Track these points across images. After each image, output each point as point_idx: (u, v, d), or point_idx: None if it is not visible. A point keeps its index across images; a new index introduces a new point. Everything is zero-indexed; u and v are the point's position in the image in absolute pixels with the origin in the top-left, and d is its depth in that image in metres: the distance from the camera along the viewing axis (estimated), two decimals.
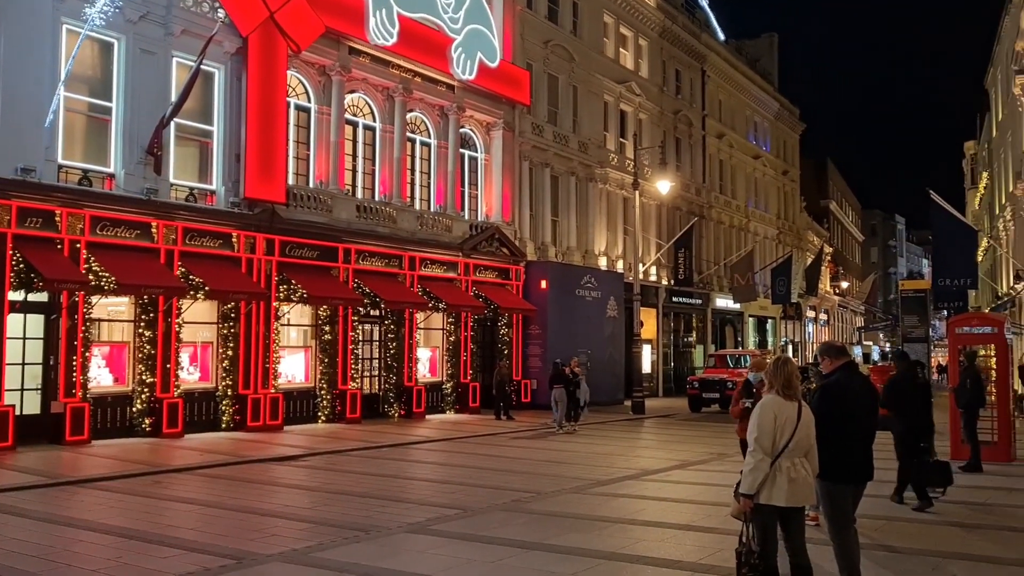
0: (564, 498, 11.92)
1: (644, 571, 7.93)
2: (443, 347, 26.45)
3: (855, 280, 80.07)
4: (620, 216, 36.43)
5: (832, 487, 6.54)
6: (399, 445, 18.53)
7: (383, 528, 9.76)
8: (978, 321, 18.02)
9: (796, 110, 60.83)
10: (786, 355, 6.54)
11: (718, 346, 44.31)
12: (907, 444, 11.22)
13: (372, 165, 25.08)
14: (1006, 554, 8.56)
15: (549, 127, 31.88)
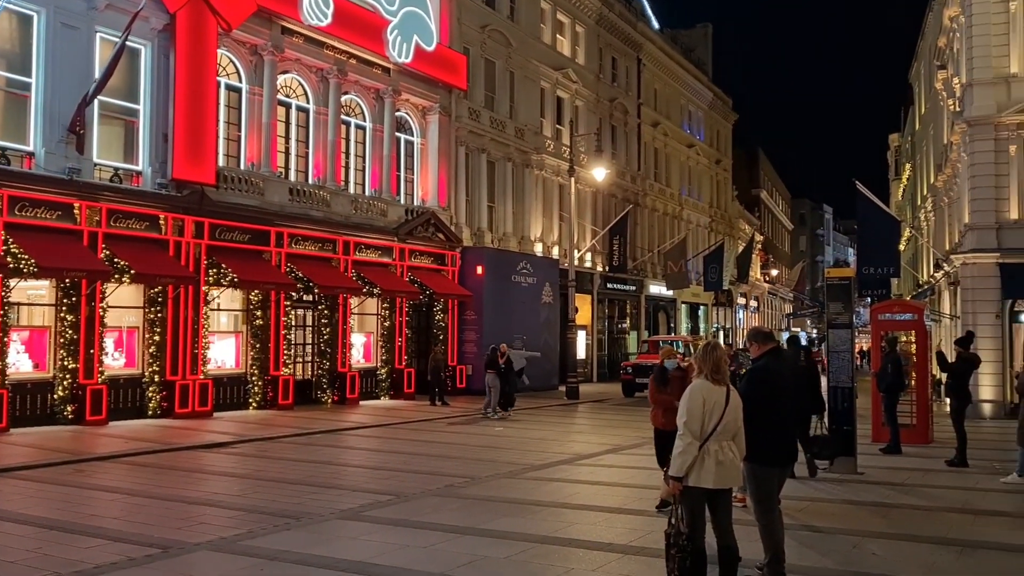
0: (498, 483, 11.96)
1: (576, 554, 8.00)
2: (378, 333, 26.26)
3: (784, 268, 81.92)
4: (556, 202, 36.57)
5: (759, 469, 6.69)
6: (332, 431, 18.35)
7: (315, 515, 9.66)
8: (899, 308, 18.61)
9: (729, 100, 61.78)
10: (715, 341, 6.64)
11: (651, 332, 44.93)
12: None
13: (305, 148, 24.68)
14: (922, 532, 8.87)
15: (486, 112, 31.79)
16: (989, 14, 24.08)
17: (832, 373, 13.00)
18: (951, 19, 28.83)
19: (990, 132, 23.80)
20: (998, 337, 23.48)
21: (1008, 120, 23.59)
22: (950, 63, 29.89)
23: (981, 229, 23.83)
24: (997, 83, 23.92)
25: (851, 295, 13.40)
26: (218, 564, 7.64)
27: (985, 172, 23.84)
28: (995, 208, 23.69)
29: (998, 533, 8.90)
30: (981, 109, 23.94)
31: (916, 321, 17.67)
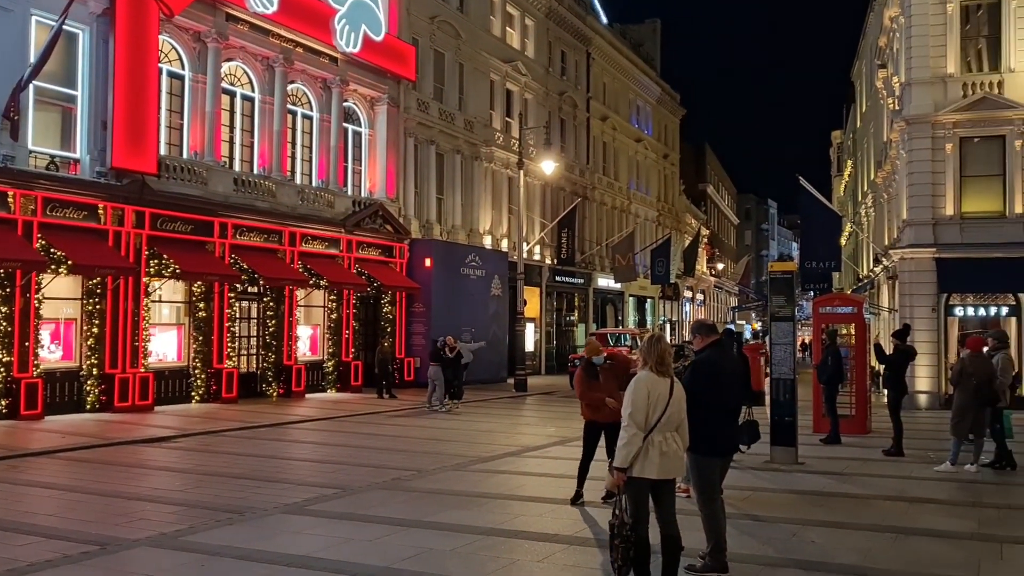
0: (445, 475, 11.94)
1: (522, 545, 8.02)
2: (324, 325, 26.01)
3: (730, 262, 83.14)
4: (505, 195, 36.58)
5: (701, 460, 6.79)
6: (277, 425, 18.14)
7: (258, 509, 9.54)
8: (840, 301, 19.03)
9: (677, 95, 62.40)
10: (659, 333, 6.72)
11: (599, 325, 45.25)
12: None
13: (251, 137, 24.30)
14: (859, 520, 9.08)
15: (435, 104, 31.63)
16: (927, 15, 24.67)
17: (774, 365, 13.21)
18: (891, 19, 29.49)
19: (927, 130, 24.41)
20: (934, 330, 24.14)
21: (944, 119, 24.21)
22: (890, 62, 30.57)
23: (918, 225, 24.44)
24: (934, 83, 24.53)
25: (793, 289, 13.63)
26: (157, 560, 7.51)
27: (922, 169, 24.45)
28: (932, 204, 24.32)
29: (931, 520, 9.15)
30: (919, 108, 24.53)
31: (856, 314, 18.08)
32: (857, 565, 7.27)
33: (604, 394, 9.71)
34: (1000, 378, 12.57)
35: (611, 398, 9.56)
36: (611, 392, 9.63)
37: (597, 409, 9.81)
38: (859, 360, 17.46)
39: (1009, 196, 23.79)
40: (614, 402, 9.65)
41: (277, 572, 7.09)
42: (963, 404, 12.19)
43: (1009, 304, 24.06)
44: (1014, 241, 23.28)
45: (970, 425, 12.19)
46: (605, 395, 9.68)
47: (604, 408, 9.68)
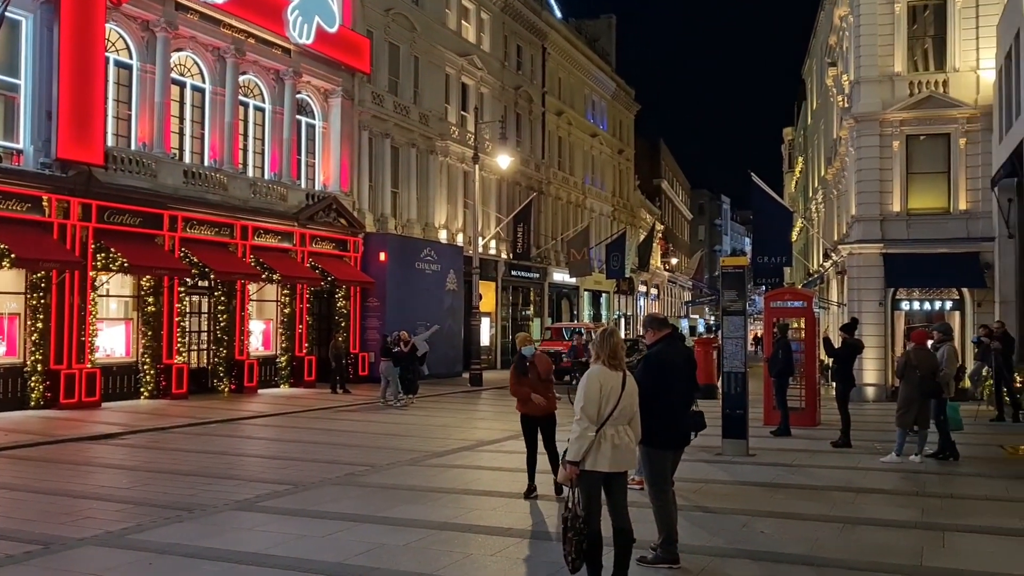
0: (399, 470, 11.89)
1: (475, 539, 8.02)
2: (277, 319, 25.73)
3: (684, 257, 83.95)
4: (460, 189, 36.49)
5: (653, 452, 6.84)
6: (228, 421, 17.91)
7: (208, 506, 9.41)
8: (790, 296, 19.31)
9: (632, 91, 62.77)
10: (612, 327, 6.73)
11: (554, 319, 45.39)
12: None
13: (201, 129, 23.91)
14: (808, 510, 9.24)
15: (390, 97, 31.42)
16: (875, 15, 25.13)
17: (726, 359, 13.36)
18: (841, 18, 29.98)
19: (875, 128, 24.88)
20: (881, 324, 24.64)
21: (892, 117, 24.70)
22: (840, 61, 31.10)
23: (867, 221, 24.90)
24: (882, 81, 25.00)
25: (745, 283, 13.80)
26: (103, 559, 7.36)
27: (870, 166, 24.92)
28: (879, 201, 24.80)
29: (877, 509, 9.34)
30: (867, 106, 24.98)
31: (806, 309, 18.37)
32: (805, 555, 7.39)
33: (530, 389, 9.81)
34: (945, 370, 12.87)
35: (537, 394, 9.74)
36: (537, 387, 9.81)
37: (525, 402, 9.93)
38: (809, 353, 17.74)
39: (953, 193, 24.35)
40: (540, 398, 9.81)
41: (227, 570, 7.00)
42: (908, 396, 12.45)
43: (953, 298, 24.65)
44: (957, 237, 23.85)
45: (915, 417, 12.46)
46: (531, 390, 9.79)
47: (531, 402, 9.83)
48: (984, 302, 23.30)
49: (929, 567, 7.06)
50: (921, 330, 14.37)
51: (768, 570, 6.94)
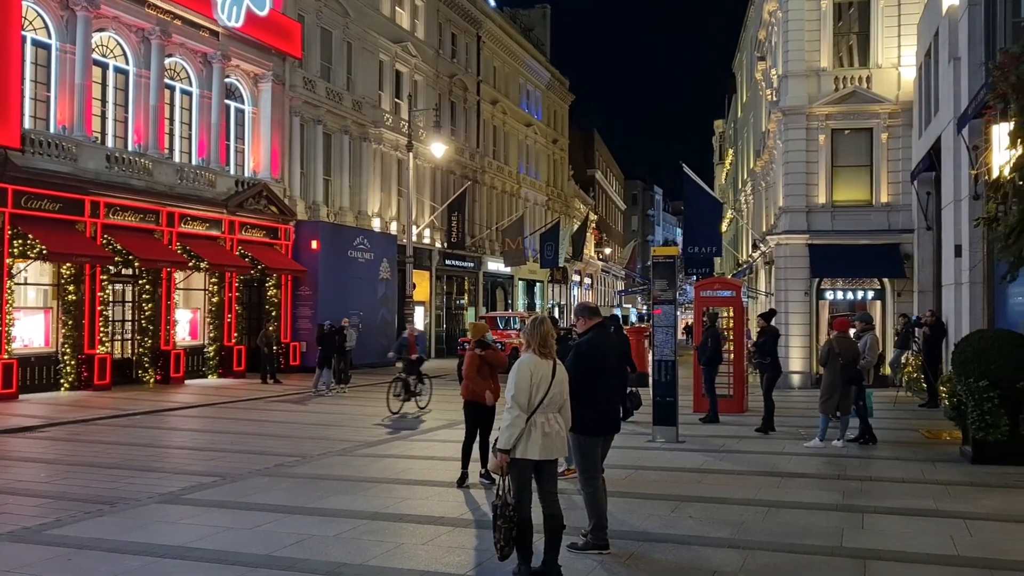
0: (329, 461, 11.77)
1: (407, 528, 7.98)
2: (205, 309, 25.20)
3: (617, 246, 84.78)
4: (394, 177, 36.20)
5: (583, 439, 6.90)
6: (154, 412, 17.49)
7: (131, 500, 9.18)
8: (720, 285, 19.67)
9: (566, 81, 63.00)
10: (543, 315, 6.75)
11: (489, 308, 45.43)
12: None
13: (125, 112, 23.22)
14: (735, 495, 9.43)
15: (322, 83, 30.95)
16: (803, 10, 25.68)
17: (656, 347, 13.54)
18: (770, 13, 30.55)
19: (802, 121, 25.45)
20: (806, 312, 25.27)
21: (818, 111, 25.30)
22: (768, 55, 31.71)
23: (793, 212, 25.48)
24: (809, 76, 25.57)
25: (675, 273, 13.98)
26: (19, 556, 7.11)
27: (797, 159, 25.50)
28: (806, 193, 25.40)
29: (799, 493, 9.59)
30: (794, 100, 25.54)
31: (734, 298, 18.73)
32: (731, 538, 7.55)
33: (489, 381, 10.01)
34: (867, 358, 13.26)
35: (490, 389, 9.92)
36: (491, 378, 10.03)
37: (473, 391, 10.04)
38: (737, 342, 18.10)
39: (876, 186, 25.08)
40: (491, 396, 9.97)
41: (150, 564, 6.84)
42: (831, 383, 12.80)
43: (874, 288, 25.41)
44: (879, 228, 24.58)
45: (837, 403, 12.82)
46: (485, 382, 9.97)
47: (480, 391, 9.98)
48: (904, 292, 24.08)
49: (848, 547, 7.28)
50: (843, 318, 14.76)
51: (695, 554, 7.07)
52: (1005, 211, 11.49)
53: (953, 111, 16.40)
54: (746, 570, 6.62)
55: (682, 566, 6.74)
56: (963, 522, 8.10)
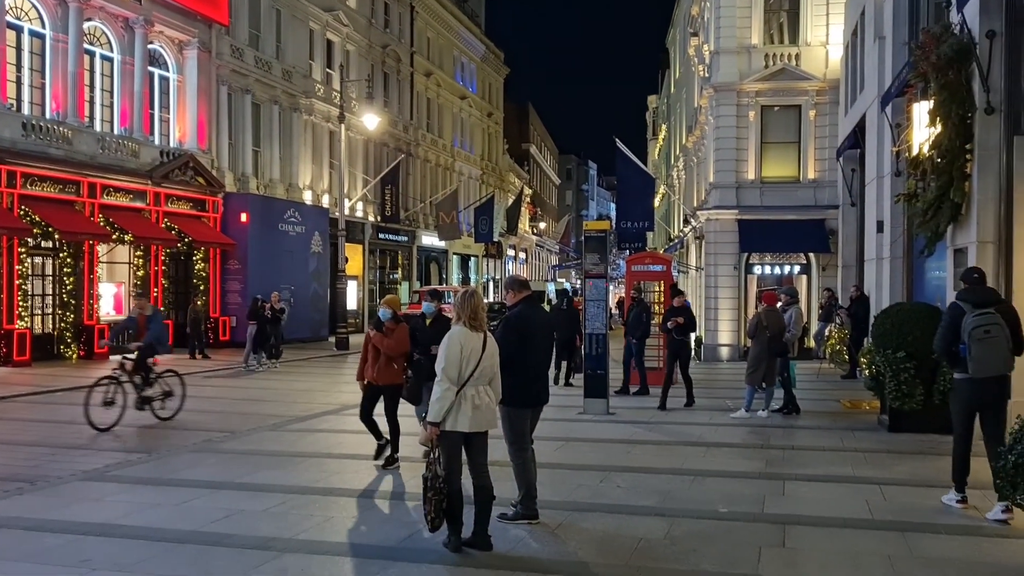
0: (259, 436, 11.64)
1: (337, 502, 7.96)
2: (130, 282, 24.54)
3: (552, 221, 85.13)
4: (326, 149, 35.65)
5: (513, 411, 6.95)
6: (77, 388, 16.96)
7: (53, 477, 8.96)
8: (651, 260, 19.95)
9: (501, 54, 62.71)
10: (473, 288, 6.76)
11: (423, 282, 45.27)
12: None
13: (42, 78, 22.34)
14: (661, 464, 9.64)
15: (250, 51, 30.22)
16: None
17: (588, 320, 13.68)
18: None
19: (733, 98, 25.82)
20: (735, 287, 25.81)
21: (748, 87, 25.69)
22: (701, 31, 32.01)
23: (723, 188, 25.91)
24: (740, 52, 25.93)
25: (607, 247, 14.12)
26: None
27: (728, 135, 25.88)
28: (736, 169, 25.84)
29: (725, 462, 9.85)
30: (726, 76, 25.87)
31: (665, 272, 19.01)
32: (657, 506, 7.72)
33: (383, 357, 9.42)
34: (792, 331, 13.61)
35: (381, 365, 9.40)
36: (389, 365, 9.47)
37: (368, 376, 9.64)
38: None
39: (803, 163, 25.64)
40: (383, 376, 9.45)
41: (72, 542, 6.68)
42: (758, 355, 13.10)
43: (801, 263, 26.05)
44: (806, 204, 25.16)
45: (763, 374, 13.14)
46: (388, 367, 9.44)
47: (390, 368, 9.46)
48: (828, 266, 24.72)
49: (770, 513, 7.51)
50: (772, 292, 15.08)
51: (623, 522, 7.20)
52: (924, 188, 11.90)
53: (877, 89, 16.82)
54: (671, 537, 6.78)
55: (610, 534, 6.87)
56: (878, 487, 8.42)
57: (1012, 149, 10.46)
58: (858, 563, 6.15)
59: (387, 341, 9.33)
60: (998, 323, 7.39)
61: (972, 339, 7.36)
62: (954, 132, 10.83)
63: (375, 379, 9.47)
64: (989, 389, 7.51)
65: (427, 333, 9.31)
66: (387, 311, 9.52)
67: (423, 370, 9.03)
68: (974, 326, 7.37)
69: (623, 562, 6.16)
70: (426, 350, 9.11)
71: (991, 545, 6.56)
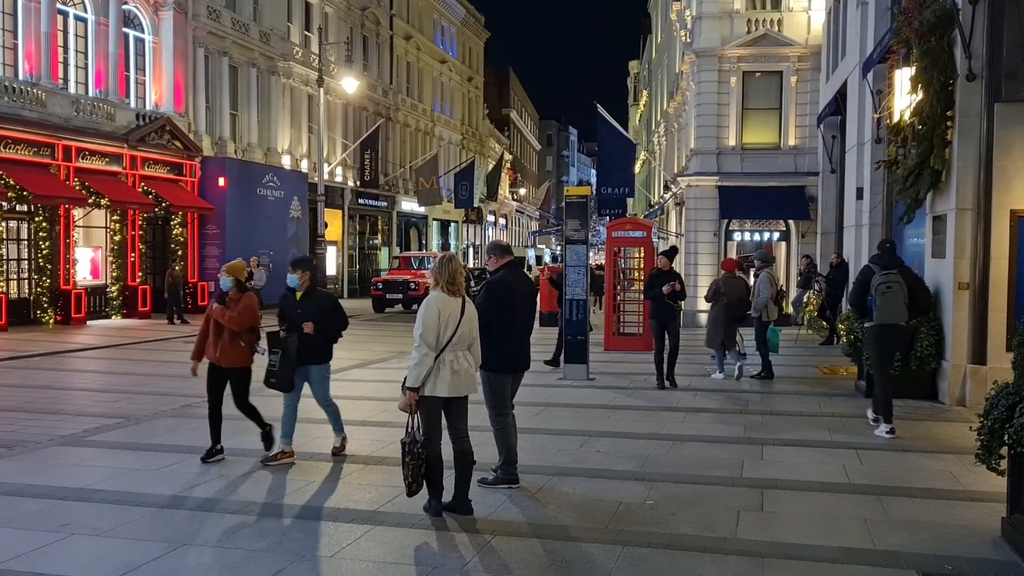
0: None
1: (317, 467, 7.98)
2: (107, 247, 24.30)
3: (532, 187, 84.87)
4: (305, 113, 35.24)
5: (493, 376, 6.96)
6: (53, 354, 16.89)
7: (31, 443, 8.91)
8: (631, 226, 19.91)
9: (482, 18, 62.03)
10: (451, 253, 6.71)
11: (403, 248, 45.12)
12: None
13: (14, 38, 21.89)
14: (640, 429, 9.70)
15: (227, 12, 29.70)
16: None
17: (568, 286, 13.67)
18: None
19: (715, 64, 25.71)
20: (715, 253, 25.87)
21: (730, 53, 25.57)
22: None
23: (704, 154, 25.88)
24: (722, 17, 25.77)
25: (587, 213, 14.07)
26: None
27: (709, 101, 25.80)
28: (716, 135, 25.80)
29: (704, 427, 9.93)
30: (707, 41, 25.73)
31: (645, 238, 19.02)
32: (637, 471, 7.77)
33: (211, 334, 8.23)
34: (761, 296, 13.75)
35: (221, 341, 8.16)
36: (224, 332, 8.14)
37: (205, 347, 8.37)
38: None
39: (784, 129, 25.63)
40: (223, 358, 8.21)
41: (51, 507, 6.65)
42: (714, 318, 13.48)
43: (780, 229, 26.16)
44: (786, 171, 25.20)
45: (722, 338, 13.35)
46: (211, 336, 8.24)
47: (212, 348, 8.24)
48: (808, 233, 24.85)
49: (748, 478, 7.58)
50: (731, 259, 15.30)
51: (602, 486, 7.25)
52: (904, 155, 11.92)
53: (859, 55, 16.78)
54: (651, 501, 6.84)
55: (589, 498, 6.92)
56: (855, 452, 8.52)
57: (993, 116, 10.49)
58: (835, 526, 6.23)
59: (229, 314, 8.00)
60: (898, 281, 9.15)
61: (877, 293, 9.15)
62: (935, 99, 10.84)
63: (217, 359, 8.17)
64: (891, 334, 9.28)
65: (294, 306, 8.11)
66: (228, 279, 8.13)
67: (292, 349, 7.93)
68: (879, 283, 9.15)
69: (603, 526, 6.22)
70: (295, 326, 7.94)
71: (964, 508, 6.67)
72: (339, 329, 8.40)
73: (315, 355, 8.15)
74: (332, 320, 8.25)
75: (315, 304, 8.13)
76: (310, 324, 7.96)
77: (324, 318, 8.10)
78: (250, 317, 8.14)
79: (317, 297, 8.26)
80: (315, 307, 8.09)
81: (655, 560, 5.56)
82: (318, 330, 8.02)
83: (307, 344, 8.00)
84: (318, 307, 8.12)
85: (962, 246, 10.76)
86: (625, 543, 5.82)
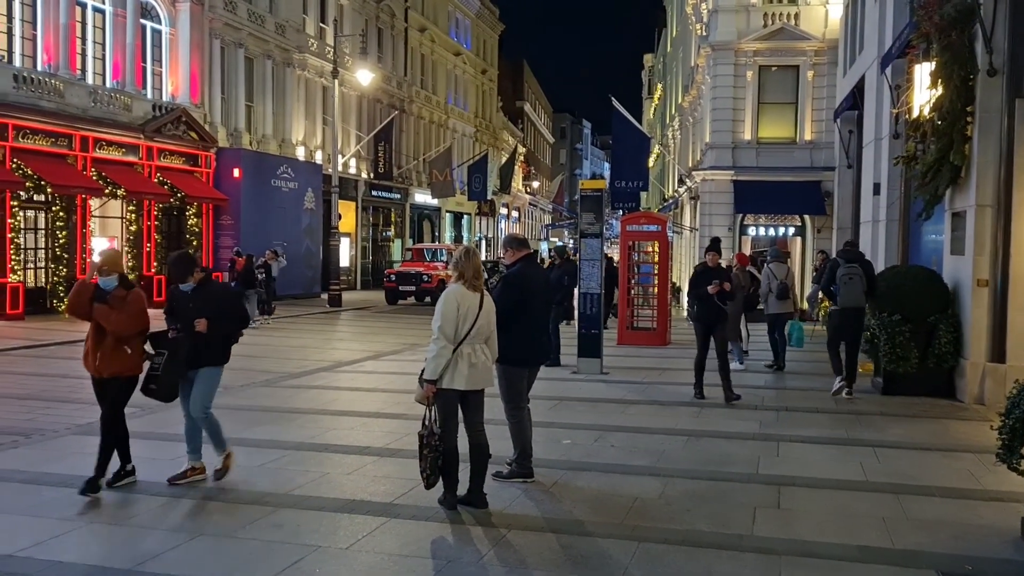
0: (253, 392, 11.63)
1: (332, 459, 7.98)
2: (123, 237, 24.42)
3: (545, 180, 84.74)
4: (319, 105, 35.27)
5: (510, 370, 6.95)
6: (70, 343, 16.94)
7: (48, 431, 8.96)
8: (646, 220, 19.86)
9: (496, 10, 61.89)
10: (472, 247, 6.69)
11: (416, 240, 45.13)
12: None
13: (33, 29, 21.97)
14: (654, 424, 9.67)
15: (243, 4, 29.74)
16: None
17: (583, 280, 13.64)
18: None
19: (731, 57, 25.59)
20: (729, 248, 25.71)
21: (746, 47, 25.44)
22: None
23: (719, 148, 25.77)
24: (739, 11, 25.63)
25: (602, 206, 14.04)
26: None
27: (725, 95, 25.68)
28: (732, 129, 25.68)
29: (719, 423, 9.88)
30: (724, 35, 25.60)
31: (660, 232, 18.96)
32: (652, 466, 7.75)
33: (93, 340, 6.82)
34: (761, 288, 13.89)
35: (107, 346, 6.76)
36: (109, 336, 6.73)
37: (86, 355, 6.90)
38: (662, 276, 18.37)
39: (800, 124, 25.49)
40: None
41: (69, 495, 6.68)
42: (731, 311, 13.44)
43: (795, 224, 26.03)
44: (801, 166, 25.07)
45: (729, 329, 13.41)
46: (93, 342, 6.82)
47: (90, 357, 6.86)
48: (823, 228, 24.72)
49: (764, 474, 7.55)
50: (742, 254, 15.34)
51: (617, 481, 7.24)
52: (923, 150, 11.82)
53: (877, 50, 16.64)
54: (666, 496, 6.82)
55: (604, 493, 6.91)
56: (872, 450, 8.47)
57: (1014, 112, 10.38)
58: (852, 524, 6.19)
59: (115, 316, 6.65)
60: (859, 273, 11.17)
61: (840, 281, 11.21)
62: (955, 94, 10.73)
63: (98, 370, 6.82)
64: (849, 315, 11.35)
65: (185, 301, 6.97)
66: (111, 279, 6.74)
67: (182, 351, 6.84)
68: (842, 274, 11.19)
69: (618, 521, 6.20)
70: (188, 325, 6.81)
71: (985, 508, 6.61)
72: (239, 326, 7.23)
73: (210, 357, 6.95)
74: (230, 317, 7.11)
75: (210, 298, 6.99)
76: (203, 321, 6.78)
77: (221, 315, 6.94)
78: (139, 318, 6.80)
79: (212, 291, 7.15)
80: (211, 302, 6.94)
81: (671, 556, 5.54)
82: (215, 328, 6.86)
83: (201, 345, 6.85)
84: (214, 302, 6.98)
85: (981, 243, 10.67)
86: (641, 539, 5.81)
